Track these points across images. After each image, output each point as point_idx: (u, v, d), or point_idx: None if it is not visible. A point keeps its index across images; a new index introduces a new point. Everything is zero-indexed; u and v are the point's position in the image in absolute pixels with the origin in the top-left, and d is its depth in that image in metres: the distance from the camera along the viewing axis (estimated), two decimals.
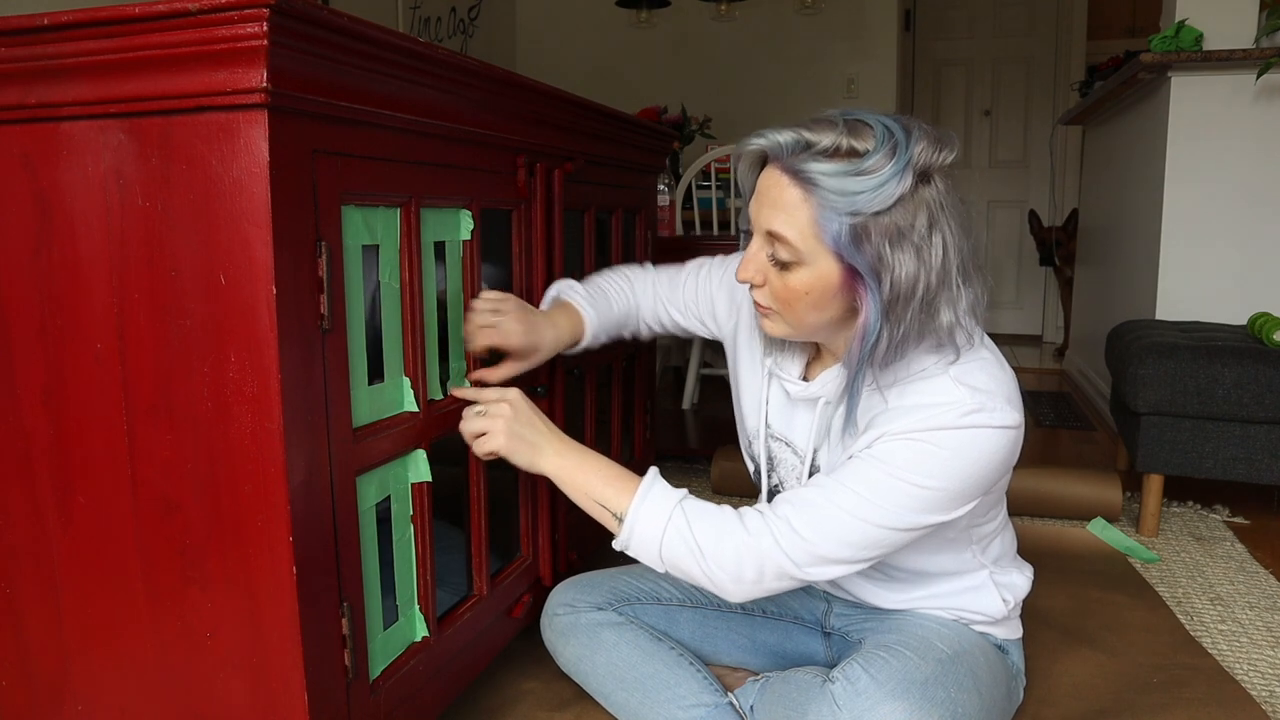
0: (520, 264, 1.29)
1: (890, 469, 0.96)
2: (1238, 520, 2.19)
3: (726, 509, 1.03)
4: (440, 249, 1.10)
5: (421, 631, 1.10)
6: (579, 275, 1.52)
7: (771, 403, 1.17)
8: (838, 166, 0.91)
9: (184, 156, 0.80)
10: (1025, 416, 1.01)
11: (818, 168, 0.91)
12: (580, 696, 1.30)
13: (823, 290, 0.96)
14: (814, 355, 1.14)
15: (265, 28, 0.74)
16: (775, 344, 1.15)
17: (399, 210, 1.00)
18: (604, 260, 1.67)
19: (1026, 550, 1.90)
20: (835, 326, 1.02)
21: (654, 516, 1.02)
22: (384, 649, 1.03)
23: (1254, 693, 1.38)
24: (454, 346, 1.14)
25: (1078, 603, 1.69)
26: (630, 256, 1.75)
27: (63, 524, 0.93)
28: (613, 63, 4.70)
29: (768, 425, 1.18)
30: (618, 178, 1.60)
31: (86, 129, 0.83)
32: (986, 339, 1.05)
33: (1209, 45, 2.57)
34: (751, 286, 1.03)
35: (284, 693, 0.87)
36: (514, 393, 1.10)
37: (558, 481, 1.09)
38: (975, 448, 0.95)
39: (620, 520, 1.04)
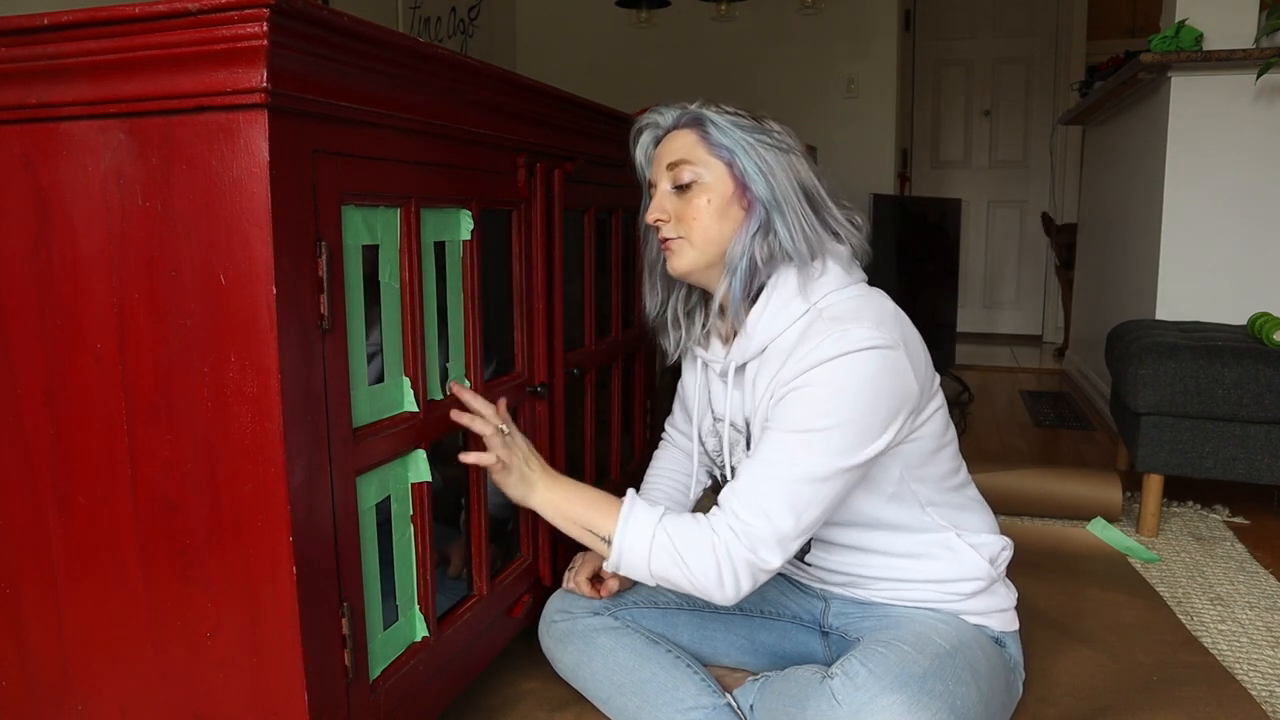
0: (520, 264, 1.29)
1: (790, 426, 1.05)
2: (1238, 520, 2.19)
3: (700, 518, 1.08)
4: (440, 249, 1.10)
5: (421, 631, 1.10)
6: (578, 275, 1.53)
7: (713, 393, 1.27)
8: (715, 108, 1.17)
9: (184, 156, 0.80)
10: (928, 356, 1.14)
11: (701, 110, 1.16)
12: (580, 697, 1.30)
13: (720, 196, 1.13)
14: (730, 339, 1.24)
15: (265, 28, 0.74)
16: (701, 338, 1.27)
17: (399, 210, 1.00)
18: (604, 260, 1.67)
19: (1026, 550, 1.90)
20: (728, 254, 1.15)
21: (639, 535, 1.08)
22: (384, 649, 1.03)
23: (1254, 692, 1.38)
24: (454, 346, 1.15)
25: (1078, 602, 1.69)
26: (630, 256, 1.75)
27: (63, 524, 0.93)
28: (613, 63, 4.70)
29: (712, 411, 1.27)
30: (618, 178, 1.60)
31: (86, 129, 0.83)
32: (875, 290, 1.17)
33: (1209, 45, 2.57)
34: (659, 231, 1.18)
35: (284, 693, 0.87)
36: (519, 435, 1.16)
37: (546, 514, 1.16)
38: (851, 373, 1.03)
39: (608, 543, 1.10)
